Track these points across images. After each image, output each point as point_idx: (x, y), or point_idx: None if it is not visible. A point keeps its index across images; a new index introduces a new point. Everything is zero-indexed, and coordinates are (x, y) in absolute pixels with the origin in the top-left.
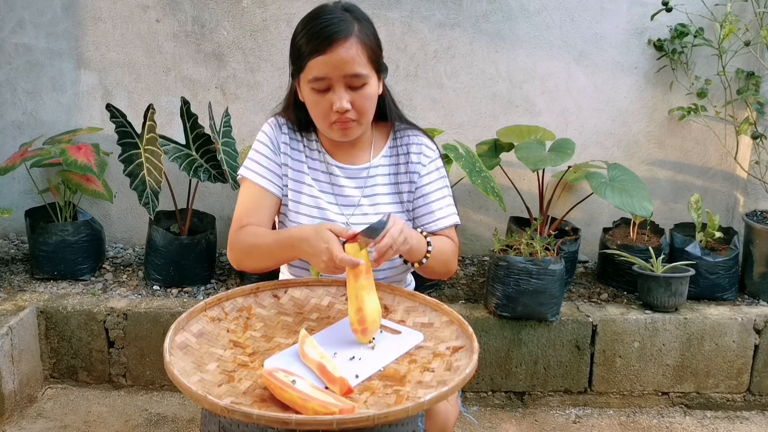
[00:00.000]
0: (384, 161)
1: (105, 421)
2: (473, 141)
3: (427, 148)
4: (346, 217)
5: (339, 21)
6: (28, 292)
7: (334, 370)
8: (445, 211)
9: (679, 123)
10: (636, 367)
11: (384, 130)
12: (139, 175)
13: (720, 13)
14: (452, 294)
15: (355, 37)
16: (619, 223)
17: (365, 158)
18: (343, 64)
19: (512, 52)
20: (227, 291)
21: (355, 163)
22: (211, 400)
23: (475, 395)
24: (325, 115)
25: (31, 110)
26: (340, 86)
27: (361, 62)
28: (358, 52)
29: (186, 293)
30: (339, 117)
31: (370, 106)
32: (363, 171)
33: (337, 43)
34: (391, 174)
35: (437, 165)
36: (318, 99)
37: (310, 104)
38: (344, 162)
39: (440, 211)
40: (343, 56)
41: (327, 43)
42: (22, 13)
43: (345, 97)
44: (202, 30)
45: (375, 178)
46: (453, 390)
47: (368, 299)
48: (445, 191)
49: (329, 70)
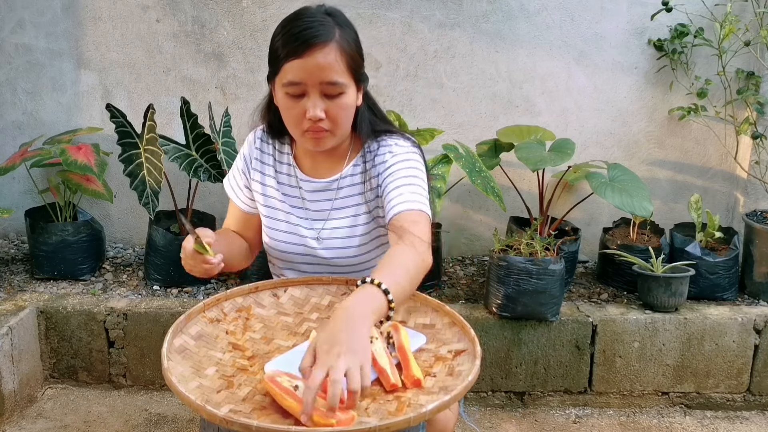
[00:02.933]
0: (352, 170)
1: (105, 421)
2: (473, 141)
3: (397, 146)
4: (317, 231)
5: (319, 25)
6: (28, 292)
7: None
8: (405, 197)
9: (679, 123)
10: (636, 367)
11: (359, 142)
12: (139, 175)
13: (720, 13)
14: (452, 294)
15: (335, 43)
16: (619, 223)
17: (338, 170)
18: (319, 70)
19: (512, 52)
20: (226, 291)
21: (326, 175)
22: (209, 410)
23: (475, 395)
24: (298, 122)
25: (31, 110)
26: (315, 93)
27: (339, 70)
28: (336, 59)
29: (186, 293)
30: (312, 125)
31: (345, 117)
32: (333, 183)
33: (316, 48)
34: (355, 184)
35: (404, 158)
36: (291, 104)
37: (283, 109)
38: (315, 175)
39: (399, 197)
40: (321, 62)
41: (304, 47)
42: (22, 13)
43: (319, 105)
44: (202, 30)
45: (343, 189)
46: (455, 399)
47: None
48: (411, 180)
49: (305, 75)
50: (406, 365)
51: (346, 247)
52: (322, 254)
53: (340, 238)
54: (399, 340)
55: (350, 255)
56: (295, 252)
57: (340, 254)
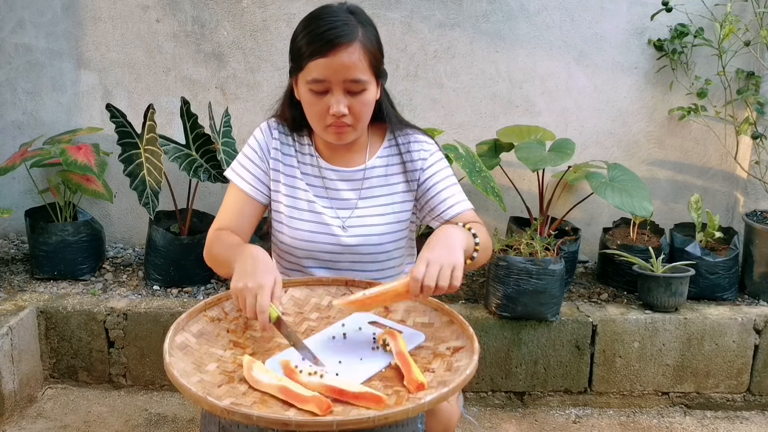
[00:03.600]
0: (379, 162)
1: (105, 421)
2: (473, 141)
3: (427, 144)
4: (342, 220)
5: (343, 24)
6: (28, 292)
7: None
8: (457, 197)
9: (679, 123)
10: (636, 367)
11: (380, 132)
12: (139, 175)
13: (720, 13)
14: (452, 294)
15: (359, 42)
16: (619, 223)
17: (360, 160)
18: (344, 69)
19: (512, 52)
20: (227, 291)
21: (350, 165)
22: (210, 401)
23: (475, 395)
24: (321, 117)
25: (31, 110)
26: (338, 90)
27: (362, 68)
28: (360, 58)
29: (186, 293)
30: (335, 121)
31: (367, 112)
32: (358, 173)
33: (341, 48)
34: (388, 175)
35: (439, 157)
36: (315, 100)
37: (306, 105)
38: (338, 164)
39: (453, 197)
40: (345, 61)
41: (329, 47)
42: (22, 13)
43: (343, 102)
44: (202, 30)
45: (371, 179)
46: (453, 391)
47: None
48: (453, 179)
49: (329, 74)
50: (408, 370)
51: (372, 235)
52: (347, 241)
53: (367, 226)
54: (398, 345)
55: (375, 243)
56: (317, 241)
57: (366, 241)
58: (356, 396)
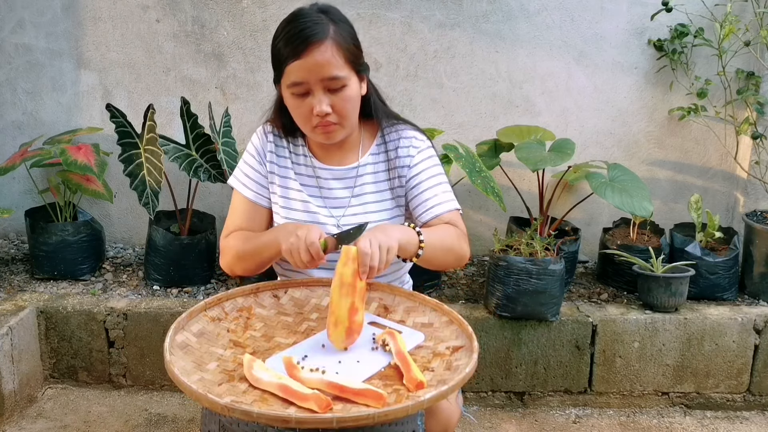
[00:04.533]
0: (371, 159)
1: (105, 421)
2: (473, 141)
3: (417, 140)
4: (336, 219)
5: (314, 24)
6: (28, 292)
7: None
8: (440, 198)
9: (679, 123)
10: (636, 367)
11: (371, 129)
12: (139, 175)
13: (720, 13)
14: (452, 294)
15: (331, 39)
16: (619, 223)
17: (353, 158)
18: (319, 68)
19: (512, 52)
20: (227, 291)
21: (343, 163)
22: (211, 398)
23: (475, 395)
24: (307, 120)
25: (31, 110)
26: (318, 90)
27: (338, 64)
28: (334, 55)
29: (186, 293)
30: (320, 121)
31: (351, 108)
32: (351, 171)
33: (312, 47)
34: (379, 172)
35: (428, 154)
36: (298, 103)
37: (291, 109)
38: (331, 164)
39: (434, 198)
40: (319, 60)
41: (302, 47)
42: (22, 13)
43: (324, 101)
44: (202, 30)
45: (363, 177)
46: (453, 389)
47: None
48: (440, 178)
49: (306, 74)
50: (407, 369)
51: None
52: None
53: None
54: (397, 345)
55: None
56: None
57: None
58: (357, 393)
